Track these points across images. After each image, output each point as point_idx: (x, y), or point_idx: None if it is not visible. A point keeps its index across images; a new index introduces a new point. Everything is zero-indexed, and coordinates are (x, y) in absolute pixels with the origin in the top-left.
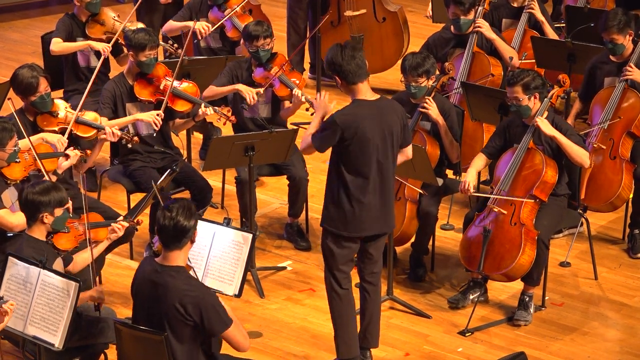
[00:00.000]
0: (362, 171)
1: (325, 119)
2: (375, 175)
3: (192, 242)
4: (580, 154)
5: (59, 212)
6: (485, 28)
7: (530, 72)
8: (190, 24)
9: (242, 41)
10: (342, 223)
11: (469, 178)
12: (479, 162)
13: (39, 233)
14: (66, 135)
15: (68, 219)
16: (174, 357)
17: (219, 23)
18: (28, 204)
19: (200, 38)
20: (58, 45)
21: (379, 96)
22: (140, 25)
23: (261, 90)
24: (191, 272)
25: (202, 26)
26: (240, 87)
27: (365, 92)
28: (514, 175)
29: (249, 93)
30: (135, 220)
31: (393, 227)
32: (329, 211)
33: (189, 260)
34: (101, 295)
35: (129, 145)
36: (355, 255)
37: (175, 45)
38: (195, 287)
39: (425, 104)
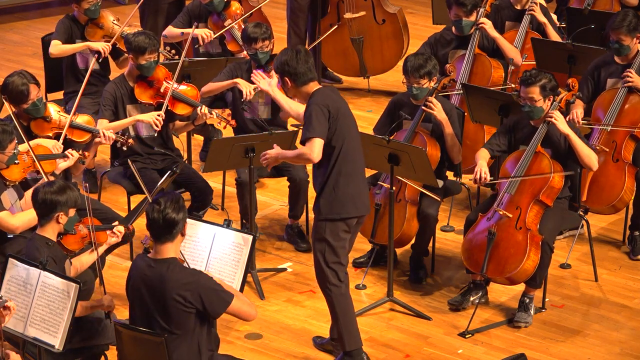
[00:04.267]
0: (350, 149)
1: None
2: (358, 153)
3: (183, 235)
4: (590, 156)
5: (72, 212)
6: (488, 25)
7: (547, 74)
8: (190, 30)
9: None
10: (343, 206)
11: (482, 167)
12: (484, 154)
13: (51, 233)
14: (61, 140)
15: (77, 221)
16: (175, 355)
17: (220, 32)
18: (45, 203)
19: (201, 44)
20: (57, 48)
21: None
22: (139, 29)
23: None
24: (184, 264)
25: (203, 32)
26: (238, 80)
27: (315, 86)
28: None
29: (246, 87)
30: (130, 228)
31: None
32: (325, 200)
33: (181, 254)
34: (111, 303)
35: (124, 148)
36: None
37: (173, 51)
38: (189, 273)
39: (430, 105)
